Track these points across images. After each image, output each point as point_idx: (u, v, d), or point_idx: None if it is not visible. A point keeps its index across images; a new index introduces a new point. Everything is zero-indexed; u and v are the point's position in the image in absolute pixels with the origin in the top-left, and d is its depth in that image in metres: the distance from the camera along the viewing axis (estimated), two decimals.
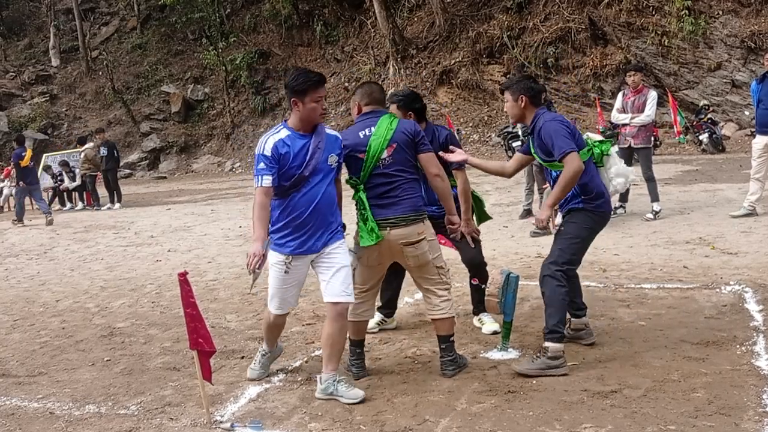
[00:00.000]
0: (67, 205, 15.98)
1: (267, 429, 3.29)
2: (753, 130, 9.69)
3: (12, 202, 16.56)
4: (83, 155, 15.40)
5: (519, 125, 10.75)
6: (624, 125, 8.17)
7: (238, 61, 24.89)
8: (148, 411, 3.61)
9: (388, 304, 4.75)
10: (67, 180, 15.90)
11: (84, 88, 28.49)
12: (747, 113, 16.37)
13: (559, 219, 4.04)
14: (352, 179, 3.75)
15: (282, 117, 24.23)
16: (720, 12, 17.54)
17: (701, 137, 15.86)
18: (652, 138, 8.48)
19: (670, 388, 3.42)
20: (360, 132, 3.73)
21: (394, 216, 3.63)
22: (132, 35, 29.76)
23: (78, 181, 15.72)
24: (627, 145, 8.15)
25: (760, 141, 7.74)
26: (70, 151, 18.34)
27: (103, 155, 15.01)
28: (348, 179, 3.77)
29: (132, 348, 4.78)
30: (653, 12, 18.30)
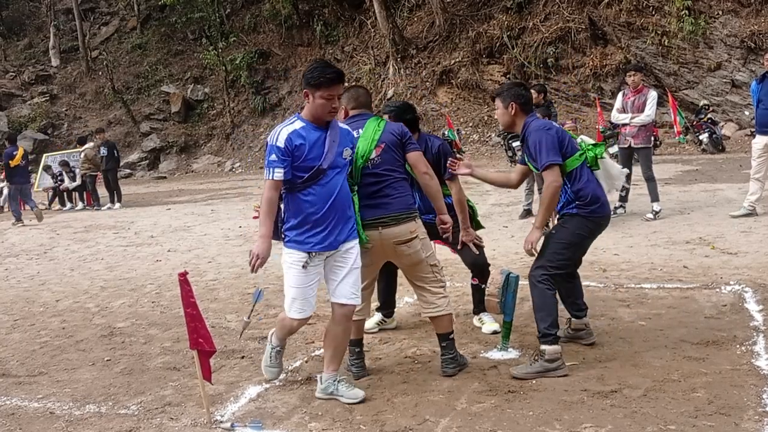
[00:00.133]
0: (67, 205, 15.97)
1: (267, 429, 3.30)
2: (753, 130, 9.69)
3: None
4: (83, 155, 15.39)
5: None
6: (624, 125, 8.17)
7: (238, 61, 24.90)
8: (148, 411, 3.61)
9: (386, 304, 4.76)
10: (67, 180, 15.90)
11: (84, 88, 28.50)
12: (747, 113, 16.37)
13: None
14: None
15: (282, 117, 24.22)
16: (720, 12, 17.55)
17: (701, 137, 15.87)
18: (652, 138, 8.49)
19: (670, 387, 3.42)
20: None
21: (385, 215, 3.63)
22: (132, 35, 29.77)
23: (78, 181, 15.71)
24: (627, 145, 8.16)
25: (759, 141, 7.75)
26: (70, 151, 18.34)
27: (103, 155, 15.00)
28: None
29: (132, 348, 4.78)
30: (653, 12, 18.31)
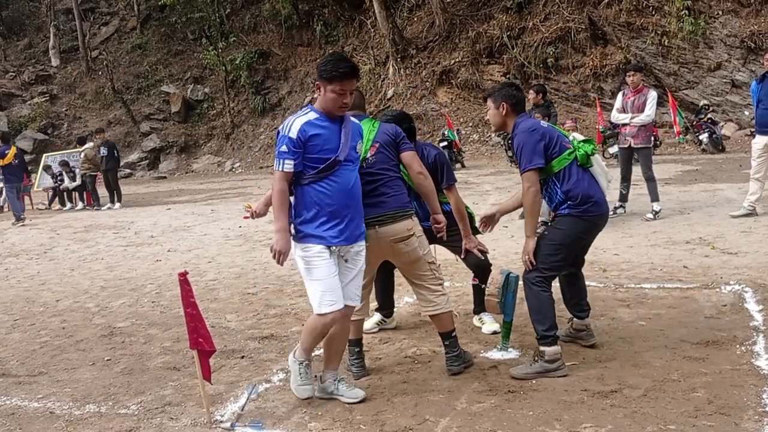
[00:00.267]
0: (67, 205, 15.97)
1: (267, 428, 3.30)
2: (753, 130, 9.69)
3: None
4: (83, 155, 15.38)
5: None
6: (624, 125, 8.17)
7: (238, 61, 24.91)
8: (148, 410, 3.62)
9: (384, 304, 4.77)
10: (67, 180, 15.90)
11: (84, 88, 28.50)
12: (747, 113, 16.37)
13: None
14: None
15: (282, 117, 24.23)
16: (720, 12, 17.55)
17: (701, 137, 15.88)
18: (652, 138, 8.49)
19: (670, 387, 3.42)
20: None
21: (381, 213, 3.63)
22: (132, 35, 29.78)
23: (78, 181, 15.71)
24: (627, 145, 8.16)
25: (759, 141, 7.75)
26: (70, 151, 18.34)
27: (103, 155, 15.00)
28: None
29: (132, 348, 4.78)
30: (653, 12, 18.31)
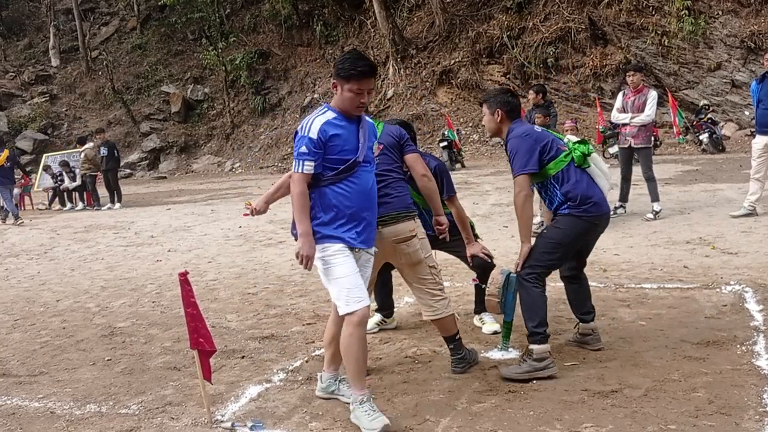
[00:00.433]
0: (68, 205, 15.97)
1: (268, 428, 3.30)
2: (753, 130, 9.69)
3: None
4: (83, 155, 15.38)
5: None
6: (624, 125, 8.18)
7: (237, 61, 24.90)
8: (148, 410, 3.61)
9: (384, 305, 4.78)
10: (67, 180, 15.90)
11: (84, 88, 28.50)
12: (747, 113, 16.38)
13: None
14: None
15: (282, 117, 24.23)
16: (720, 12, 17.55)
17: (701, 137, 15.88)
18: (652, 138, 8.49)
19: (670, 387, 3.42)
20: None
21: (384, 214, 3.63)
22: (132, 35, 29.78)
23: (78, 181, 15.72)
24: (627, 145, 8.17)
25: (759, 141, 7.75)
26: (70, 151, 18.34)
27: (104, 155, 15.00)
28: None
29: (133, 348, 4.78)
30: (653, 12, 18.31)
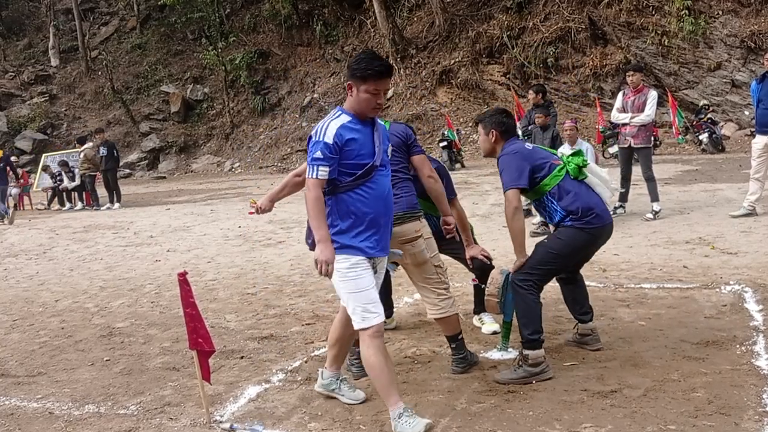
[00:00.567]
0: (67, 205, 15.97)
1: (267, 428, 3.29)
2: (753, 130, 9.70)
3: (11, 202, 16.59)
4: (83, 155, 15.37)
5: (518, 125, 10.80)
6: (624, 125, 8.17)
7: (237, 61, 24.89)
8: (147, 411, 3.61)
9: (384, 305, 4.74)
10: (67, 180, 15.89)
11: (83, 88, 28.49)
12: (747, 113, 16.38)
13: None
14: None
15: (282, 117, 24.21)
16: (720, 12, 17.55)
17: (701, 137, 15.88)
18: (652, 138, 8.49)
19: (670, 387, 3.41)
20: None
21: None
22: (132, 35, 29.77)
23: (77, 181, 15.71)
24: (627, 145, 8.16)
25: (759, 141, 7.75)
26: (69, 151, 18.35)
27: (103, 155, 14.99)
28: None
29: (131, 348, 4.78)
30: (653, 12, 18.31)
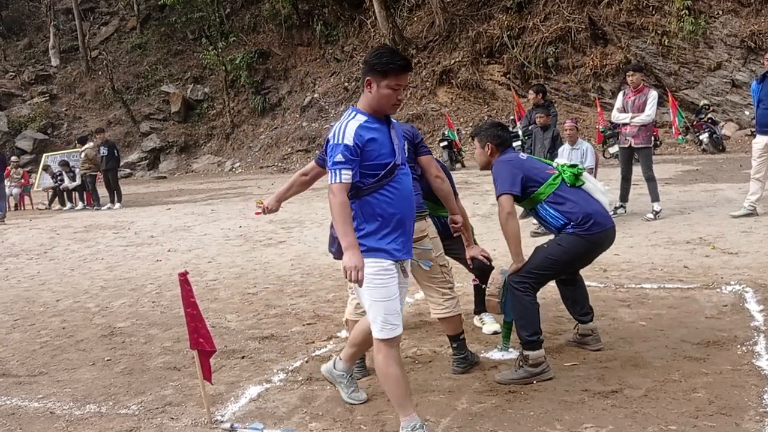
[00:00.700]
0: (67, 205, 15.97)
1: (267, 428, 3.29)
2: (753, 129, 9.69)
3: (12, 202, 16.60)
4: (84, 155, 15.36)
5: (519, 125, 10.80)
6: (624, 125, 8.17)
7: (237, 61, 24.89)
8: (148, 411, 3.61)
9: None
10: (67, 180, 15.89)
11: (84, 88, 28.49)
12: (747, 113, 16.38)
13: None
14: None
15: (282, 117, 24.21)
16: (720, 12, 17.55)
17: (701, 137, 15.89)
18: (652, 138, 8.49)
19: (670, 388, 3.42)
20: None
21: None
22: (132, 35, 29.77)
23: (78, 181, 15.71)
24: (627, 145, 8.17)
25: (760, 141, 7.75)
26: (70, 151, 18.35)
27: (104, 155, 14.99)
28: None
29: (132, 348, 4.78)
30: (653, 12, 18.31)
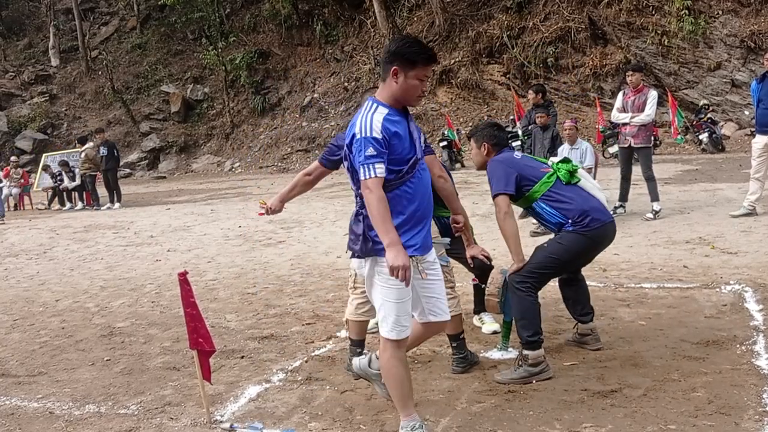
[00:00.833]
0: (67, 205, 15.97)
1: (267, 428, 3.29)
2: (753, 129, 9.70)
3: (12, 202, 16.61)
4: (83, 155, 15.36)
5: (518, 125, 10.81)
6: (624, 125, 8.17)
7: (237, 61, 24.89)
8: (148, 411, 3.61)
9: None
10: (67, 180, 15.89)
11: (84, 88, 28.49)
12: (747, 113, 16.38)
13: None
14: None
15: (282, 117, 24.19)
16: (720, 12, 17.54)
17: (701, 137, 15.89)
18: (652, 137, 8.49)
19: (670, 387, 3.42)
20: None
21: None
22: (132, 35, 29.77)
23: (78, 181, 15.71)
24: (627, 145, 8.17)
25: (759, 141, 7.75)
26: (69, 151, 18.35)
27: (103, 155, 14.99)
28: None
29: (132, 348, 4.78)
30: (653, 12, 18.31)
